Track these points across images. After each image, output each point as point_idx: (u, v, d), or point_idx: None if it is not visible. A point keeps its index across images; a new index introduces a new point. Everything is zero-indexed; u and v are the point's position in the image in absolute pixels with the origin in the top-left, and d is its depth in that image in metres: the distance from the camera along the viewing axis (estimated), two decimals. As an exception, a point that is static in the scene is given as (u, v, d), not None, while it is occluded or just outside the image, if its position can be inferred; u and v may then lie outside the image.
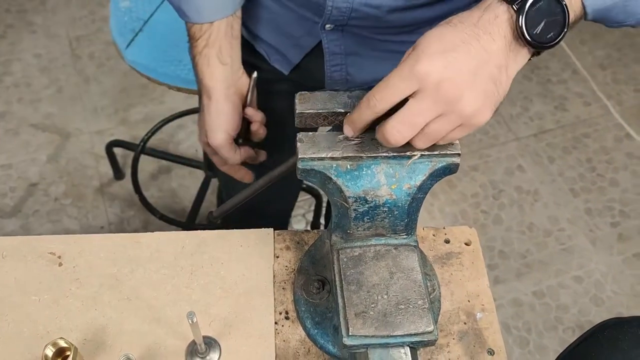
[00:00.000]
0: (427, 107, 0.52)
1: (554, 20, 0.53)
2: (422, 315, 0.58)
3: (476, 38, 0.52)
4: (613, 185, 1.90)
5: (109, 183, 1.79)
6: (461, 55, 0.52)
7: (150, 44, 1.14)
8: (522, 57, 0.55)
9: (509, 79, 0.54)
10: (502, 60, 0.53)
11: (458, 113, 0.52)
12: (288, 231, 0.77)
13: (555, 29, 0.53)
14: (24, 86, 1.98)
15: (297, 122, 0.61)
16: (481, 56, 0.52)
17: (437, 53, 0.51)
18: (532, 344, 1.59)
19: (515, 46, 0.53)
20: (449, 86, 0.51)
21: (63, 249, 0.74)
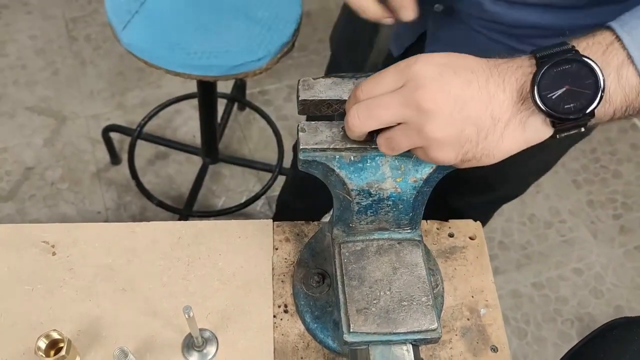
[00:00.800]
0: (396, 103, 0.47)
1: (580, 92, 0.44)
2: (426, 313, 0.57)
3: (486, 78, 0.46)
4: (616, 177, 1.88)
5: (105, 168, 1.77)
6: (460, 79, 0.46)
7: (147, 26, 1.09)
8: (534, 126, 0.46)
9: (502, 140, 0.46)
10: (503, 114, 0.46)
11: (421, 129, 0.46)
12: (287, 222, 0.75)
13: (579, 102, 0.44)
14: (19, 68, 1.95)
15: (299, 110, 0.58)
16: (480, 96, 0.46)
17: (441, 65, 0.47)
18: (531, 336, 1.58)
19: (527, 108, 0.46)
20: (427, 96, 0.45)
21: (57, 238, 0.72)
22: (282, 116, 1.80)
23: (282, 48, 1.10)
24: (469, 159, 0.48)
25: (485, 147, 0.47)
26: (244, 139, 1.86)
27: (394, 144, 0.50)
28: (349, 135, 0.53)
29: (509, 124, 0.46)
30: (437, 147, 0.47)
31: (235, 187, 1.77)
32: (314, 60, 2.04)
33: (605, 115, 0.46)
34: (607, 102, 0.45)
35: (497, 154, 0.48)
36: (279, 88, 1.98)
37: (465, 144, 0.47)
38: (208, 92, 1.36)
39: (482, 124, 0.46)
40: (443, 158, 0.48)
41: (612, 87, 0.45)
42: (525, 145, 0.48)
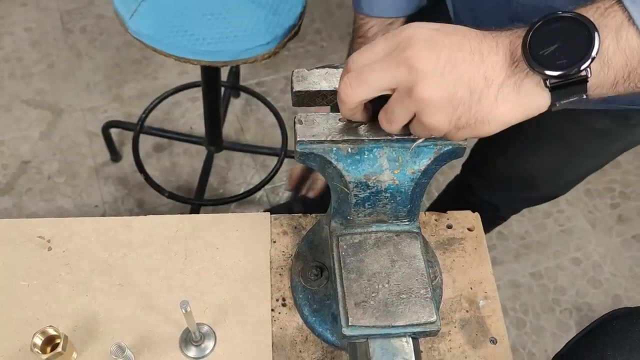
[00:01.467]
0: (385, 65, 0.46)
1: (572, 46, 0.43)
2: (425, 305, 0.56)
3: (479, 41, 0.45)
4: (614, 166, 1.88)
5: (103, 161, 1.76)
6: (452, 41, 0.45)
7: (154, 13, 1.09)
8: (530, 89, 0.45)
9: (496, 103, 0.45)
10: (497, 76, 0.45)
11: (411, 90, 0.45)
12: (285, 215, 0.75)
13: (571, 57, 0.43)
14: (14, 61, 1.94)
15: (293, 102, 0.58)
16: (472, 57, 0.44)
17: (432, 29, 0.46)
18: (529, 326, 1.58)
19: (521, 70, 0.44)
20: (416, 55, 0.44)
21: (52, 233, 0.72)
22: (279, 108, 1.79)
23: (289, 31, 1.10)
24: (463, 124, 0.46)
25: (479, 111, 0.45)
26: (242, 131, 1.85)
27: (391, 116, 0.48)
28: (343, 111, 0.50)
29: (503, 87, 0.45)
30: (430, 111, 0.45)
31: (240, 174, 1.77)
32: (311, 50, 2.03)
33: (606, 80, 0.44)
34: (606, 65, 0.43)
35: (493, 121, 0.46)
36: (275, 79, 1.97)
37: (458, 107, 0.45)
38: (212, 79, 1.35)
39: (474, 86, 0.45)
40: (436, 123, 0.46)
41: (610, 48, 0.43)
42: (522, 112, 0.46)
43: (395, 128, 0.50)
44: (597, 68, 0.43)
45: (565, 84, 0.43)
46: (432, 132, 0.48)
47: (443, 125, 0.46)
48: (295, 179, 0.95)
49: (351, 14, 0.91)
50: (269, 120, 1.85)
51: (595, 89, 0.45)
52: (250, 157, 1.80)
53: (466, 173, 1.19)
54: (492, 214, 1.17)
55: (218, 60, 1.09)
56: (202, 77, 1.35)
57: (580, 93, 0.44)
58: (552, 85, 0.44)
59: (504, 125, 0.46)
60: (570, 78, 0.43)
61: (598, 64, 0.43)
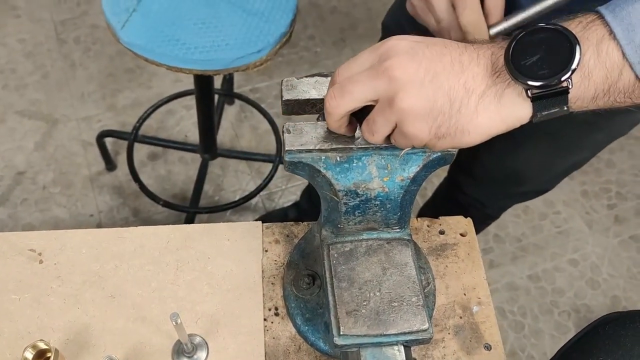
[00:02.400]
0: (366, 77, 0.46)
1: (554, 57, 0.43)
2: (417, 313, 0.56)
3: (460, 52, 0.46)
4: (610, 166, 1.88)
5: (98, 171, 1.76)
6: (432, 52, 0.45)
7: (145, 23, 1.10)
8: (511, 100, 0.45)
9: (476, 114, 0.45)
10: (477, 86, 0.45)
11: (392, 100, 0.45)
12: (277, 224, 0.74)
13: (552, 68, 0.43)
14: (8, 72, 1.94)
15: (283, 111, 0.58)
16: (452, 67, 0.45)
17: (413, 41, 0.46)
18: (527, 328, 1.58)
19: (502, 80, 0.44)
20: (396, 65, 0.45)
21: (43, 245, 0.71)
22: (273, 114, 1.79)
23: (280, 38, 1.10)
24: (443, 134, 0.46)
25: (459, 120, 0.45)
26: (236, 138, 1.85)
27: (372, 126, 0.48)
28: (330, 122, 0.51)
29: (483, 97, 0.45)
30: (410, 120, 0.46)
31: (235, 181, 1.77)
32: (305, 56, 2.03)
33: (587, 92, 0.44)
34: (587, 78, 0.44)
35: (473, 131, 0.46)
36: (269, 85, 1.97)
37: (438, 116, 0.45)
38: (206, 87, 1.35)
39: (454, 95, 0.45)
40: (416, 132, 0.46)
41: (591, 61, 0.43)
42: (502, 123, 0.46)
43: (378, 138, 0.50)
44: (578, 80, 0.44)
45: (547, 95, 0.44)
46: (413, 141, 0.48)
47: (423, 134, 0.46)
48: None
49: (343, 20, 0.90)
50: (263, 127, 1.85)
51: (576, 101, 0.45)
52: (245, 163, 1.79)
53: (454, 172, 1.19)
54: (482, 211, 1.17)
55: (210, 69, 1.09)
56: (195, 86, 1.35)
57: (561, 105, 0.44)
58: (533, 95, 0.44)
59: (485, 135, 0.47)
60: (551, 89, 0.43)
61: (579, 76, 0.44)
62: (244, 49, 1.07)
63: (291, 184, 1.78)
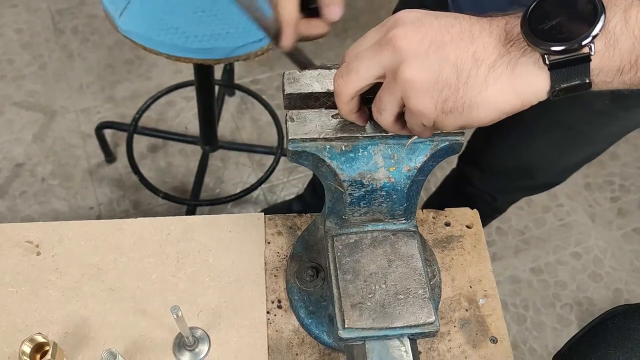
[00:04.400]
0: (372, 51, 0.44)
1: (575, 19, 0.39)
2: (423, 306, 0.55)
3: (472, 23, 0.42)
4: (613, 159, 1.86)
5: (97, 163, 1.74)
6: (440, 23, 0.43)
7: (144, 11, 1.07)
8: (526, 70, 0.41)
9: (485, 86, 0.41)
10: (488, 56, 0.41)
11: (396, 72, 0.43)
12: (279, 215, 0.73)
13: (573, 29, 0.39)
14: (5, 63, 1.91)
15: (285, 105, 0.56)
16: (461, 37, 0.42)
17: (422, 12, 0.44)
18: (530, 321, 1.57)
19: (517, 48, 0.41)
20: (401, 34, 0.42)
21: (41, 237, 0.70)
22: (275, 105, 1.77)
23: None
24: (450, 108, 0.43)
25: (466, 93, 0.42)
26: (237, 130, 1.83)
27: (379, 104, 0.46)
28: (340, 107, 0.49)
29: (494, 67, 0.41)
30: (414, 94, 0.43)
31: (236, 174, 1.75)
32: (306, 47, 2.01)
33: (611, 63, 0.40)
34: (612, 45, 0.39)
35: (482, 105, 0.42)
36: (270, 77, 1.95)
37: (444, 89, 0.42)
38: (206, 77, 1.33)
39: (462, 66, 0.41)
40: (421, 107, 0.43)
41: (617, 27, 0.39)
42: (516, 98, 0.41)
43: (386, 118, 0.47)
44: (602, 47, 0.40)
45: (566, 62, 0.40)
46: (420, 118, 0.45)
47: (429, 109, 0.43)
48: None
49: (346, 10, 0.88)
50: (264, 119, 1.83)
51: (599, 73, 0.41)
52: (246, 156, 1.78)
53: (463, 165, 1.17)
54: (490, 205, 1.16)
55: (210, 58, 1.07)
56: (195, 76, 1.33)
57: (582, 76, 0.40)
58: (551, 62, 0.40)
59: (496, 111, 0.43)
60: (571, 55, 0.40)
61: (602, 42, 0.39)
62: (244, 38, 1.05)
63: (293, 177, 1.77)
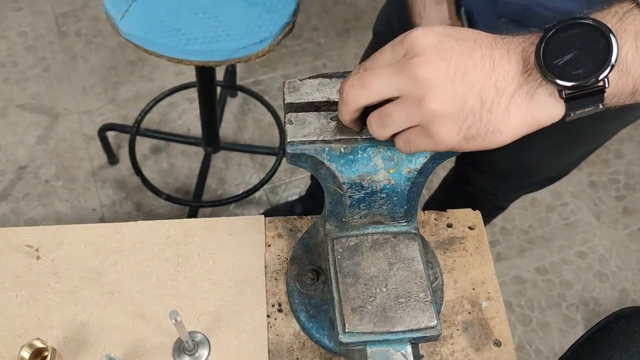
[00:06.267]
0: (390, 71, 0.44)
1: (589, 55, 0.40)
2: (424, 309, 0.54)
3: (491, 47, 0.43)
4: (618, 157, 1.85)
5: (100, 165, 1.75)
6: (461, 47, 0.43)
7: (145, 13, 1.07)
8: (543, 100, 0.42)
9: (507, 114, 0.42)
10: (508, 85, 0.42)
11: (420, 101, 0.43)
12: (280, 218, 0.72)
13: (588, 67, 0.40)
14: (9, 65, 1.92)
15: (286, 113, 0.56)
16: (482, 64, 0.42)
17: (441, 34, 0.43)
18: (535, 322, 1.56)
19: (534, 79, 0.42)
20: (425, 64, 0.42)
21: (41, 241, 0.70)
22: (277, 106, 1.77)
23: (283, 28, 1.08)
24: (473, 135, 0.44)
25: (490, 121, 0.43)
26: (239, 131, 1.83)
27: (387, 120, 0.45)
28: (342, 113, 0.49)
29: (514, 96, 0.42)
30: (438, 122, 0.43)
31: (238, 175, 1.75)
32: (308, 48, 2.01)
33: (624, 88, 0.42)
34: (625, 73, 0.41)
35: (505, 131, 0.43)
36: (273, 77, 1.94)
37: (468, 117, 0.43)
38: (207, 79, 1.33)
39: (485, 95, 0.42)
40: (445, 135, 0.44)
41: (629, 55, 0.40)
42: (534, 123, 0.43)
43: (388, 133, 0.47)
44: (615, 77, 0.41)
45: (581, 95, 0.41)
46: (437, 144, 0.45)
47: (451, 137, 0.44)
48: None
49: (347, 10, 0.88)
50: (266, 120, 1.83)
51: (613, 98, 0.42)
52: (248, 157, 1.78)
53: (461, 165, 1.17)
54: (491, 203, 1.15)
55: (212, 59, 1.07)
56: (197, 78, 1.33)
57: (596, 103, 0.41)
58: (567, 96, 0.41)
59: (516, 135, 0.44)
60: (586, 89, 0.41)
61: (616, 72, 0.41)
62: (246, 40, 1.05)
63: (295, 177, 1.76)
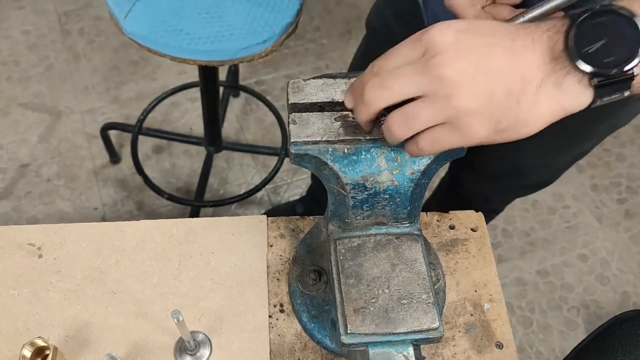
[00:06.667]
0: (411, 71, 0.43)
1: (620, 42, 0.40)
2: (427, 311, 0.54)
3: (512, 39, 0.42)
4: (620, 160, 1.85)
5: (102, 163, 1.75)
6: (481, 44, 0.42)
7: (149, 13, 1.08)
8: (572, 88, 0.42)
9: (536, 104, 0.42)
10: (535, 76, 0.42)
11: (447, 100, 0.42)
12: (282, 218, 0.72)
13: (620, 55, 0.40)
14: (12, 64, 1.92)
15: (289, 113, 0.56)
16: (505, 57, 0.42)
17: (459, 30, 0.43)
18: (536, 324, 1.56)
19: (562, 67, 0.41)
20: (446, 63, 0.41)
21: (43, 239, 0.70)
22: (279, 106, 1.77)
23: (286, 29, 1.08)
24: (504, 128, 0.43)
25: (519, 112, 0.43)
26: (241, 131, 1.83)
27: (412, 119, 0.44)
28: (361, 114, 0.48)
29: (542, 86, 0.42)
30: (468, 119, 0.43)
31: (240, 175, 1.75)
32: (310, 48, 2.01)
33: None
34: None
35: (533, 121, 0.43)
36: (275, 78, 1.94)
37: (496, 111, 0.42)
38: (210, 78, 1.33)
39: (511, 87, 0.42)
40: (476, 130, 0.43)
41: None
42: (562, 111, 0.43)
43: (410, 133, 0.46)
44: None
45: (610, 82, 0.41)
46: (468, 139, 0.44)
47: (482, 131, 0.43)
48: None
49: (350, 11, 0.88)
50: (268, 119, 1.83)
51: (638, 87, 0.42)
52: (250, 157, 1.78)
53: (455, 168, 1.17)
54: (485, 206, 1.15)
55: (215, 59, 1.07)
56: (200, 77, 1.33)
57: (623, 90, 0.42)
58: (598, 84, 0.41)
59: (544, 124, 0.44)
60: (616, 77, 0.41)
61: None
62: (249, 39, 1.05)
63: (297, 177, 1.76)
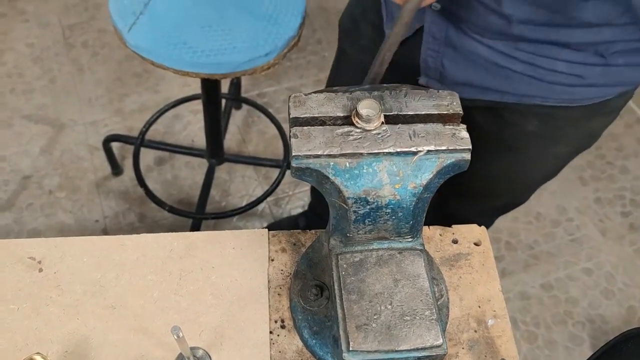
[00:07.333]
0: None
1: None
2: (430, 328, 0.53)
3: None
4: (623, 172, 1.84)
5: (104, 176, 1.74)
6: None
7: (152, 26, 1.08)
8: None
9: None
10: None
11: None
12: (283, 232, 0.72)
13: None
14: (16, 76, 1.93)
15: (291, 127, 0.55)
16: None
17: None
18: (541, 339, 1.54)
19: None
20: None
21: (43, 253, 0.69)
22: (281, 119, 1.77)
23: (288, 42, 1.08)
24: None
25: None
26: (243, 143, 1.83)
27: None
28: None
29: None
30: None
31: (242, 187, 1.75)
32: (312, 61, 2.01)
33: None
34: None
35: None
36: (277, 90, 1.95)
37: None
38: (213, 91, 1.34)
39: None
40: None
41: None
42: None
43: None
44: None
45: None
46: None
47: None
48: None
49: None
50: (270, 132, 1.83)
51: None
52: (252, 169, 1.77)
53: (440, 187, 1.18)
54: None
55: (217, 72, 1.07)
56: (202, 90, 1.33)
57: None
58: None
59: None
60: None
61: None
62: (251, 53, 1.05)
63: (299, 190, 1.76)
